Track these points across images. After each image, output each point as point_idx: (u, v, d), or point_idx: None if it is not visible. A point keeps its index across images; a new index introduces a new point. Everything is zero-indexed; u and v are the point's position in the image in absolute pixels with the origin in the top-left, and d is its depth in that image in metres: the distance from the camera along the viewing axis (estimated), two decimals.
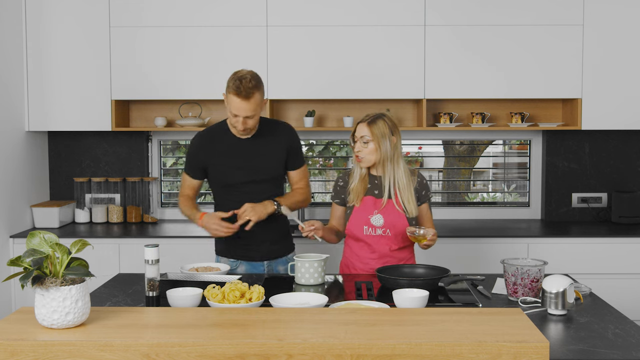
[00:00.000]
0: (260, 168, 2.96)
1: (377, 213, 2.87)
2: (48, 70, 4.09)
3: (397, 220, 2.86)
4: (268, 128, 3.01)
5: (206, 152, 2.98)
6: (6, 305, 3.87)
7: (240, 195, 2.95)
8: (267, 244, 3.03)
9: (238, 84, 2.77)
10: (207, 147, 2.98)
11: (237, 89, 2.76)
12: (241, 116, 2.81)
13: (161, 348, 1.76)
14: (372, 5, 4.05)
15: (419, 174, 2.96)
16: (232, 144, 2.96)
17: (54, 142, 4.45)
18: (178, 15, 4.06)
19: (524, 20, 4.04)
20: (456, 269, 3.58)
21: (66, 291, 1.85)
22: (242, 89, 2.76)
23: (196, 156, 3.00)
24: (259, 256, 3.04)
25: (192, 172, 3.03)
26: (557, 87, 4.07)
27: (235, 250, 3.04)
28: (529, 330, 1.83)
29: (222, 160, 2.96)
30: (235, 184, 2.96)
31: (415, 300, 2.27)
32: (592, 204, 4.43)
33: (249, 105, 2.79)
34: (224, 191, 3.01)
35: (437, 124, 4.24)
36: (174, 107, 4.40)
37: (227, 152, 2.96)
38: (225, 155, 2.96)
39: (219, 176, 2.98)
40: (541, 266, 2.47)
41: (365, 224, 2.88)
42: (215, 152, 2.97)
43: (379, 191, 2.90)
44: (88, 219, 4.38)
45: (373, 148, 2.84)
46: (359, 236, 2.90)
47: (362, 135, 2.84)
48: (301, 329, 1.86)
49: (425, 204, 2.96)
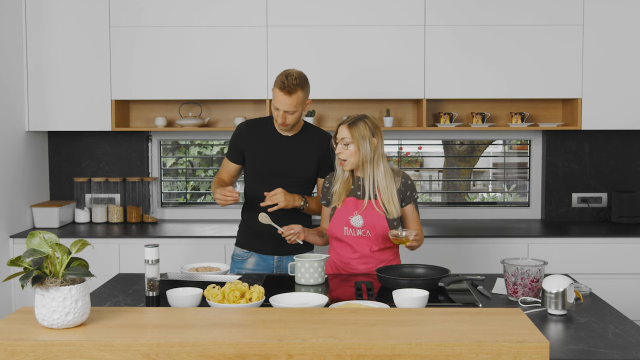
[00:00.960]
0: (291, 165, 3.08)
1: (357, 214, 2.87)
2: (48, 70, 4.09)
3: (377, 222, 2.86)
4: (310, 133, 3.15)
5: (247, 136, 3.12)
6: (6, 305, 3.87)
7: (268, 186, 3.05)
8: (274, 239, 3.07)
9: (284, 79, 2.92)
10: (249, 132, 3.13)
11: (281, 84, 2.92)
12: (281, 110, 2.95)
13: (161, 348, 1.76)
14: (372, 5, 4.05)
15: (404, 175, 2.95)
16: (272, 135, 3.10)
17: (54, 142, 4.45)
18: (178, 15, 4.06)
19: (524, 20, 4.04)
20: (456, 269, 3.58)
21: (66, 291, 1.85)
22: (286, 84, 2.91)
23: (238, 139, 3.14)
24: (268, 249, 3.13)
25: (231, 154, 3.17)
26: (557, 87, 4.07)
27: (250, 241, 3.16)
28: (529, 330, 1.83)
29: (258, 147, 3.10)
30: (265, 173, 3.09)
31: (415, 300, 2.27)
32: (592, 204, 4.43)
33: (290, 101, 2.92)
34: (253, 179, 3.13)
35: (437, 124, 4.24)
36: (174, 107, 4.40)
37: (265, 141, 3.10)
38: (262, 143, 3.10)
39: (252, 162, 3.11)
40: (541, 266, 2.47)
41: (346, 224, 2.89)
42: (255, 138, 3.11)
43: (361, 192, 2.91)
44: (88, 219, 4.38)
45: (353, 150, 2.84)
46: (340, 237, 2.91)
47: (342, 137, 2.86)
48: (301, 329, 1.86)
49: (411, 204, 2.94)
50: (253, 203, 3.12)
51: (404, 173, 2.96)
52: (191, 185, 5.15)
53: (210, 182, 5.44)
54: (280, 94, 2.92)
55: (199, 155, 5.55)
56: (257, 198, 3.09)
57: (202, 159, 5.49)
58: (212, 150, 5.54)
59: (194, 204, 4.85)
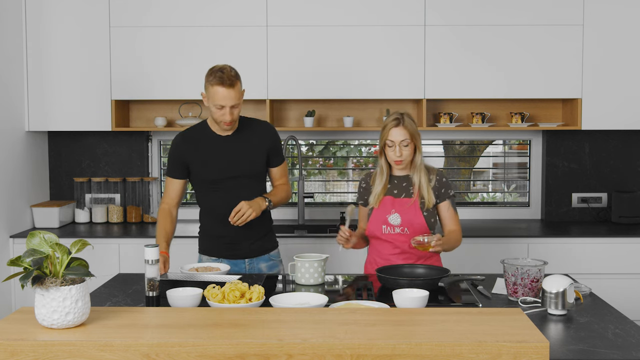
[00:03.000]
0: (241, 164, 2.98)
1: (395, 212, 2.89)
2: (48, 70, 4.09)
3: (414, 219, 2.88)
4: (248, 126, 3.05)
5: (188, 149, 3.01)
6: (6, 305, 3.87)
7: (222, 192, 2.99)
8: (248, 242, 3.04)
9: (220, 74, 2.83)
10: (188, 144, 3.01)
11: (220, 79, 2.81)
12: (227, 106, 2.85)
13: (161, 348, 1.76)
14: (372, 6, 4.05)
15: (439, 172, 2.98)
16: (213, 141, 3.00)
17: (54, 142, 4.45)
18: (178, 15, 4.06)
19: (524, 20, 4.04)
20: (456, 269, 3.58)
21: (66, 291, 1.85)
22: (225, 78, 2.81)
23: (178, 154, 3.02)
24: (240, 254, 3.05)
25: (174, 172, 3.03)
26: (557, 87, 4.07)
27: (216, 248, 3.07)
28: (529, 330, 1.83)
29: (203, 156, 2.99)
30: (217, 179, 2.99)
31: (415, 300, 2.27)
32: (592, 204, 4.43)
33: (234, 94, 2.84)
34: (205, 188, 3.03)
35: (437, 124, 4.24)
36: (174, 107, 4.40)
37: (208, 148, 2.99)
38: (206, 151, 2.99)
39: (201, 172, 3.00)
40: (541, 266, 2.47)
41: (384, 223, 2.91)
42: (196, 149, 3.00)
43: (398, 191, 2.93)
44: (88, 219, 4.38)
45: (411, 149, 2.88)
46: (379, 235, 2.93)
47: (402, 139, 2.86)
48: (301, 329, 1.86)
49: (446, 202, 2.95)
50: (214, 212, 3.02)
51: (439, 170, 2.99)
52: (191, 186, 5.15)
53: None
54: (222, 89, 2.81)
55: None
56: (213, 205, 3.01)
57: None
58: None
59: (194, 204, 4.85)
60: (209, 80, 2.86)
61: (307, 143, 4.86)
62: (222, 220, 2.99)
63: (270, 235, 3.13)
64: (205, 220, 3.10)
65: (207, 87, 2.88)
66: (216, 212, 3.01)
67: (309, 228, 4.29)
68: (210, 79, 2.84)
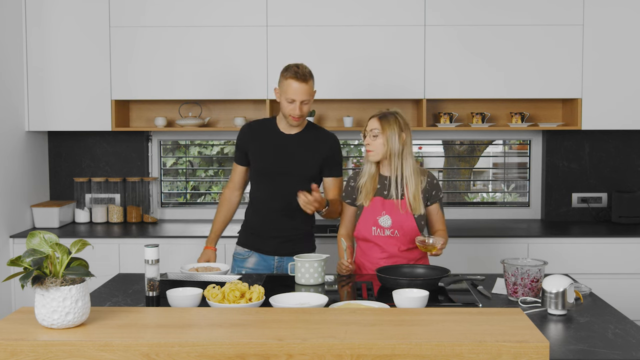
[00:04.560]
0: (293, 162, 3.06)
1: (385, 214, 2.88)
2: (48, 70, 4.09)
3: (405, 221, 2.87)
4: (314, 131, 3.15)
5: (250, 137, 3.13)
6: (6, 305, 3.87)
7: (269, 185, 3.08)
8: (276, 240, 3.09)
9: (296, 69, 2.95)
10: (252, 133, 3.14)
11: (295, 73, 2.94)
12: (298, 100, 2.95)
13: (161, 348, 1.76)
14: (372, 6, 4.05)
15: (430, 174, 2.97)
16: (275, 135, 3.11)
17: (54, 142, 4.45)
18: (178, 15, 4.06)
19: (524, 20, 4.04)
20: (456, 269, 3.58)
21: (66, 291, 1.85)
22: (300, 73, 2.94)
23: (241, 140, 3.15)
24: (269, 250, 3.12)
25: (237, 157, 3.18)
26: (557, 87, 4.07)
27: (250, 240, 3.17)
28: (529, 330, 1.83)
29: (261, 146, 3.10)
30: (267, 172, 3.08)
31: (415, 300, 2.27)
32: (592, 204, 4.43)
33: (307, 89, 2.95)
34: (257, 178, 3.14)
35: (437, 124, 4.24)
36: (174, 107, 4.40)
37: (268, 140, 3.10)
38: (265, 143, 3.10)
39: (255, 162, 3.11)
40: (541, 266, 2.47)
41: (374, 224, 2.90)
42: (257, 138, 3.12)
43: (387, 192, 2.92)
44: (88, 219, 4.38)
45: (381, 142, 2.87)
46: (368, 237, 2.91)
47: (372, 128, 2.88)
48: (301, 329, 1.86)
49: (436, 204, 2.97)
50: (257, 204, 3.13)
51: (430, 172, 2.99)
52: (191, 185, 5.15)
53: (211, 181, 5.44)
54: (296, 83, 2.93)
55: (199, 155, 5.55)
56: (261, 198, 3.11)
57: (202, 159, 5.49)
58: (212, 150, 5.55)
59: (194, 204, 4.85)
60: (284, 74, 2.98)
61: None
62: (261, 213, 3.11)
63: (306, 237, 3.16)
64: (249, 211, 3.20)
65: (281, 81, 2.99)
66: (259, 204, 3.12)
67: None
68: (285, 73, 2.97)
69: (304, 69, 2.96)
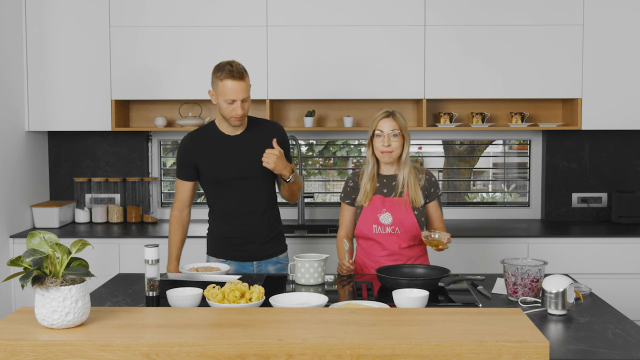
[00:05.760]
0: (251, 164, 2.95)
1: (386, 212, 2.89)
2: (48, 70, 4.09)
3: (406, 218, 2.88)
4: (257, 125, 3.03)
5: (196, 149, 2.99)
6: (6, 305, 3.87)
7: (231, 192, 2.98)
8: (255, 244, 3.02)
9: (230, 67, 2.82)
10: (197, 145, 3.00)
11: (230, 72, 2.81)
12: (238, 99, 2.84)
13: (161, 348, 1.76)
14: (372, 6, 4.05)
15: (428, 172, 2.98)
16: (222, 141, 2.98)
17: (54, 142, 4.45)
18: (178, 15, 4.06)
19: (524, 20, 4.04)
20: (456, 269, 3.58)
21: (66, 291, 1.85)
22: (235, 71, 2.81)
23: (186, 155, 3.00)
24: (247, 256, 3.03)
25: (184, 173, 3.02)
26: (557, 87, 4.07)
27: (224, 250, 3.05)
28: (529, 330, 1.83)
29: (212, 155, 2.97)
30: (225, 180, 2.97)
31: (415, 300, 2.27)
32: (592, 204, 4.43)
33: (245, 86, 2.84)
34: (214, 188, 3.01)
35: (437, 124, 4.24)
36: (174, 107, 4.40)
37: (217, 148, 2.97)
38: (215, 151, 2.97)
39: (210, 172, 2.98)
40: (541, 266, 2.47)
41: (374, 222, 2.90)
42: (205, 149, 2.98)
43: (387, 190, 2.92)
44: (88, 219, 4.38)
45: (400, 142, 2.88)
46: (369, 235, 2.92)
47: (391, 129, 2.86)
48: (301, 329, 1.86)
49: (435, 201, 2.98)
50: (223, 213, 3.02)
51: (427, 170, 3.00)
52: None
53: None
54: (232, 82, 2.79)
55: None
56: (226, 206, 3.00)
57: None
58: None
59: (194, 204, 4.84)
60: (217, 75, 2.84)
61: (307, 143, 4.86)
62: (230, 221, 3.00)
63: (279, 237, 3.11)
64: (214, 221, 3.08)
65: (215, 83, 2.86)
66: (225, 213, 3.01)
67: (309, 228, 4.29)
68: (219, 74, 2.83)
69: (237, 66, 2.82)
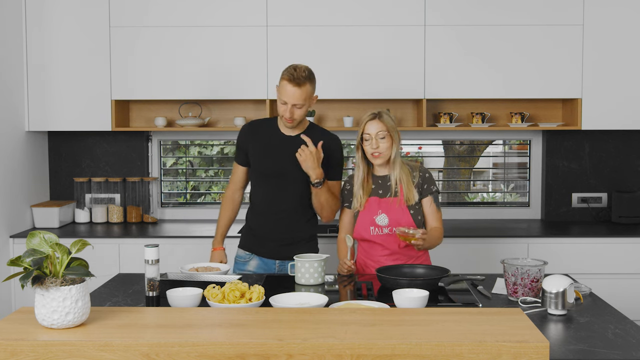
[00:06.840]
0: (292, 163, 2.98)
1: (382, 213, 2.88)
2: (48, 70, 4.09)
3: (402, 218, 2.88)
4: (315, 132, 3.05)
5: (250, 137, 3.08)
6: (6, 305, 3.87)
7: (268, 186, 3.04)
8: (274, 243, 3.06)
9: (292, 71, 2.87)
10: (252, 132, 3.09)
11: (290, 76, 2.86)
12: (289, 103, 2.88)
13: (161, 348, 1.76)
14: (372, 6, 4.05)
15: (422, 168, 2.97)
16: (275, 136, 3.05)
17: (54, 142, 4.45)
18: (178, 15, 4.06)
19: (524, 20, 4.04)
20: (456, 269, 3.58)
21: (66, 291, 1.85)
22: (295, 76, 2.85)
23: (242, 140, 3.10)
24: (270, 253, 3.08)
25: (238, 156, 3.13)
26: (556, 87, 4.07)
27: (249, 243, 3.13)
28: (529, 330, 1.83)
29: (260, 147, 3.04)
30: (267, 173, 3.03)
31: (415, 300, 2.27)
32: (592, 204, 4.43)
33: (300, 93, 2.86)
34: (257, 179, 3.09)
35: (437, 124, 4.24)
36: (174, 107, 4.40)
37: (267, 141, 3.04)
38: (265, 143, 3.04)
39: (254, 162, 3.06)
40: (541, 266, 2.47)
41: (371, 224, 2.90)
42: (257, 139, 3.06)
43: (383, 190, 2.92)
44: (88, 219, 4.38)
45: (389, 143, 2.86)
46: (367, 237, 2.92)
47: (378, 131, 2.85)
48: (301, 329, 1.86)
49: (429, 197, 2.94)
50: (257, 206, 3.09)
51: (422, 166, 2.99)
52: (191, 185, 5.15)
53: (211, 182, 5.44)
54: (289, 86, 2.85)
55: (199, 155, 5.56)
56: (261, 201, 3.06)
57: (202, 159, 5.49)
58: (212, 150, 5.55)
59: (194, 204, 4.85)
60: (282, 74, 2.91)
61: None
62: (260, 214, 3.06)
63: (301, 242, 3.09)
64: (249, 213, 3.15)
65: (279, 80, 2.93)
66: (258, 206, 3.08)
67: None
68: (283, 73, 2.90)
69: (300, 72, 2.85)
